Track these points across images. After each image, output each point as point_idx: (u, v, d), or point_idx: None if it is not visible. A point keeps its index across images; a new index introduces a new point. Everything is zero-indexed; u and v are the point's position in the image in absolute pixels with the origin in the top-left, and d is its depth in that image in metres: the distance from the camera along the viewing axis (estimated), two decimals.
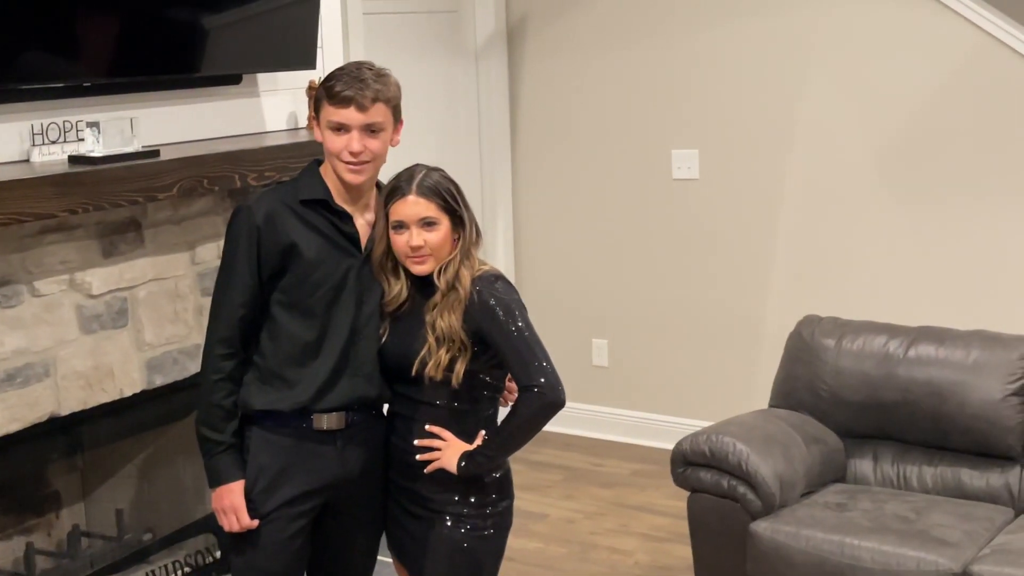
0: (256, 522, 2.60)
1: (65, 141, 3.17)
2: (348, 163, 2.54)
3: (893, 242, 4.59)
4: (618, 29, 5.03)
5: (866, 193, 4.63)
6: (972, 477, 3.57)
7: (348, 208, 2.60)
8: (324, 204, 2.59)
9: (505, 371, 2.62)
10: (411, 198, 2.53)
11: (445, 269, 2.54)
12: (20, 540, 3.48)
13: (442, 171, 2.60)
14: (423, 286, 2.59)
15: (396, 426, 2.65)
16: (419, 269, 2.55)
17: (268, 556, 2.62)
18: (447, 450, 2.56)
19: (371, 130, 2.54)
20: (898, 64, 4.50)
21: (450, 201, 2.55)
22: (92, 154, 3.10)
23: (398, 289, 2.58)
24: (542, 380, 2.49)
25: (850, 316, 3.92)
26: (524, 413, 2.52)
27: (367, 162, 2.55)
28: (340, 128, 2.53)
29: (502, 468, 2.65)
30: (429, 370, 2.51)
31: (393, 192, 2.55)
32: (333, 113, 2.53)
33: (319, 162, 2.64)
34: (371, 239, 2.61)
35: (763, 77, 4.75)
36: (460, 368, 2.51)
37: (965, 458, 3.59)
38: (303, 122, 3.85)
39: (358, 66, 2.57)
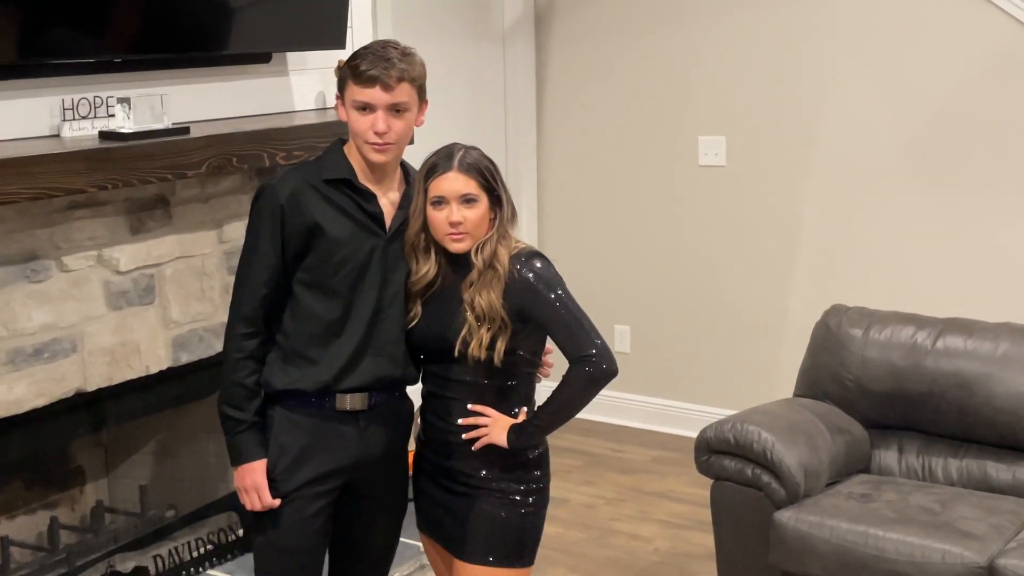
0: (278, 501, 2.59)
1: (95, 117, 3.17)
2: (373, 143, 2.52)
3: (922, 232, 4.55)
4: (646, 14, 5.00)
5: (894, 182, 4.59)
6: (998, 470, 3.54)
7: (372, 187, 2.59)
8: (348, 183, 2.57)
9: (542, 348, 2.62)
10: (452, 174, 2.51)
11: (482, 247, 2.52)
12: (44, 515, 3.50)
13: (479, 149, 2.58)
14: (455, 266, 2.57)
15: (431, 405, 2.63)
16: (457, 247, 2.53)
17: (289, 535, 2.62)
18: (494, 426, 2.55)
19: (396, 110, 2.52)
20: (929, 52, 4.46)
21: (489, 179, 2.54)
22: (122, 130, 3.10)
23: (426, 269, 2.56)
24: (594, 350, 2.49)
25: (877, 306, 3.89)
26: (576, 383, 2.51)
27: (392, 142, 2.53)
28: (365, 108, 2.51)
29: (543, 444, 2.64)
30: (472, 349, 2.50)
31: (433, 168, 2.53)
32: (358, 92, 2.51)
33: (343, 141, 2.63)
34: (396, 218, 2.60)
35: (791, 64, 4.72)
36: (501, 346, 2.50)
37: (991, 451, 3.57)
38: (332, 101, 3.84)
39: (383, 45, 2.55)
